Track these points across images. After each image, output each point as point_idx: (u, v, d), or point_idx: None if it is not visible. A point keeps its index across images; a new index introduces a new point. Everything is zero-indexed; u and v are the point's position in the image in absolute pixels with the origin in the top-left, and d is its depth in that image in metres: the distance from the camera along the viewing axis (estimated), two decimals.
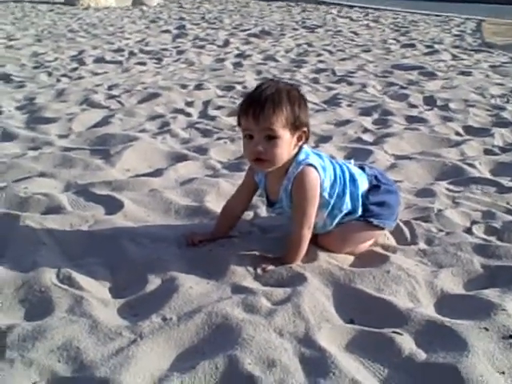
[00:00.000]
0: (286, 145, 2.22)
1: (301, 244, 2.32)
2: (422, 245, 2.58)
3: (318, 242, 2.45)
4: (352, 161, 2.61)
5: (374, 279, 2.23)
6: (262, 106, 2.18)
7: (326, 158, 2.41)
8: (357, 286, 2.20)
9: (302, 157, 2.29)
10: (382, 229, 2.52)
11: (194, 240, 2.49)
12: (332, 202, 2.36)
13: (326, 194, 2.33)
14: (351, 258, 2.42)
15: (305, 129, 2.26)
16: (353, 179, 2.42)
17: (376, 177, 2.53)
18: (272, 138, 2.20)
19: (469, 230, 2.71)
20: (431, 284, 2.24)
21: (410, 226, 2.72)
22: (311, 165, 2.28)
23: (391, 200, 2.52)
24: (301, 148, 2.30)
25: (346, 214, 2.43)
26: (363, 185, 2.45)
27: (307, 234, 2.31)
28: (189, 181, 3.25)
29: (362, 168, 2.54)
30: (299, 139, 2.27)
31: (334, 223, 2.43)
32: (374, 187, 2.48)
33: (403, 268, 2.31)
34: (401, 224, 2.73)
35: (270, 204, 2.45)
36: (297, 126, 2.23)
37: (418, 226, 2.72)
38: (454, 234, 2.66)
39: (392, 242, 2.63)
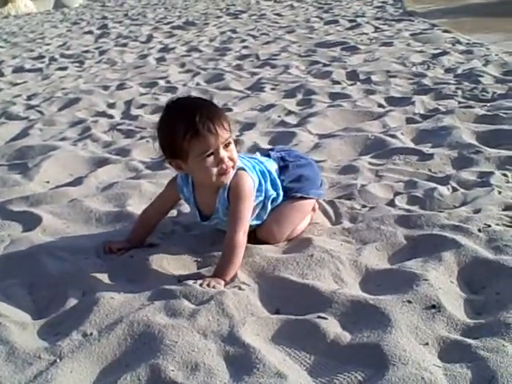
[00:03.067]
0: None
1: (236, 251, 2.18)
2: (346, 223, 2.57)
3: (257, 238, 2.40)
4: (257, 153, 2.61)
5: (297, 265, 2.20)
6: (212, 117, 2.13)
7: (242, 157, 2.38)
8: (281, 274, 2.16)
9: None
10: (311, 199, 2.51)
11: (111, 248, 2.41)
12: (262, 197, 2.35)
13: (258, 194, 2.32)
14: (274, 247, 2.38)
15: None
16: (265, 167, 2.41)
17: (282, 158, 2.52)
18: (228, 144, 2.17)
19: (392, 203, 2.72)
20: (355, 262, 2.23)
21: (333, 206, 2.71)
22: (242, 169, 2.27)
23: (306, 171, 2.51)
24: None
25: (272, 201, 2.40)
26: (273, 167, 2.45)
27: (243, 240, 2.21)
28: (110, 186, 3.17)
29: (267, 155, 2.53)
30: None
31: (268, 211, 2.41)
32: (283, 168, 2.46)
33: (327, 250, 2.28)
34: (324, 204, 2.71)
35: (204, 218, 2.38)
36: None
37: (342, 204, 2.72)
38: (376, 208, 2.66)
39: (320, 223, 2.61)
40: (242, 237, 2.20)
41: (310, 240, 2.39)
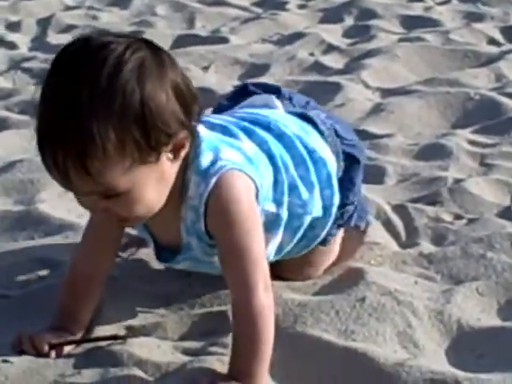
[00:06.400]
0: (152, 182, 2.04)
1: (261, 325, 2.03)
2: (426, 245, 2.61)
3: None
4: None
5: (337, 316, 2.22)
6: (66, 149, 1.89)
7: (242, 130, 2.30)
8: (308, 330, 2.18)
9: (206, 158, 2.13)
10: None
11: (36, 346, 2.32)
12: (283, 209, 2.30)
13: (269, 205, 2.27)
14: (297, 282, 2.43)
15: (186, 122, 2.03)
16: (311, 150, 2.35)
17: (337, 132, 2.46)
18: (111, 196, 2.03)
19: (508, 212, 2.76)
20: (440, 314, 2.25)
21: (404, 214, 2.75)
22: (232, 168, 2.14)
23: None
24: (192, 146, 2.09)
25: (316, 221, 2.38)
26: (323, 149, 2.38)
27: (267, 301, 2.07)
28: (8, 167, 3.23)
29: (308, 120, 2.47)
30: (179, 147, 2.05)
31: (296, 239, 2.37)
32: (347, 159, 2.43)
33: (390, 290, 2.31)
34: (389, 211, 2.74)
35: (165, 257, 2.35)
36: (169, 135, 2.00)
37: (420, 211, 2.76)
38: (480, 221, 2.70)
39: (381, 244, 2.64)
40: (263, 296, 2.06)
41: (360, 272, 2.42)
